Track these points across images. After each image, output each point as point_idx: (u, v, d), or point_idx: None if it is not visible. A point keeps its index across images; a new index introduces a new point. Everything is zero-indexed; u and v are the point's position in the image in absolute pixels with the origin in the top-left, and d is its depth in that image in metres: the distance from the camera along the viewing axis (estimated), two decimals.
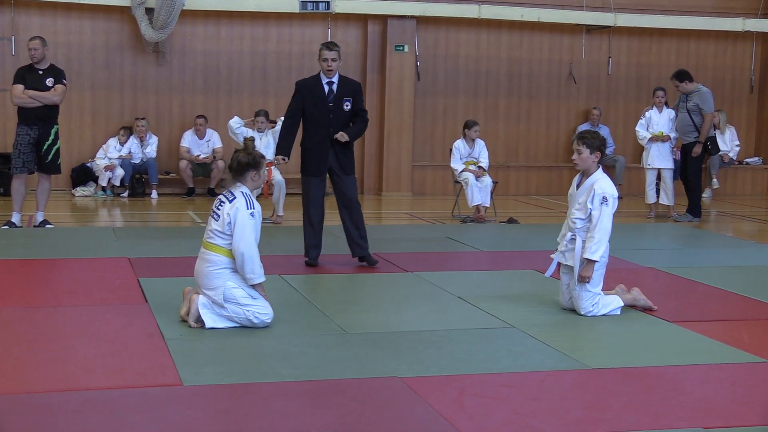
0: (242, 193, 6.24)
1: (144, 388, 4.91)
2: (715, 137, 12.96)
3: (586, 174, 6.82)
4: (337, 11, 14.92)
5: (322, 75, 8.58)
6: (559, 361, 5.63)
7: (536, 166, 16.09)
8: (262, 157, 6.38)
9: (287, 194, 12.02)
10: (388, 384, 5.09)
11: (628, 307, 6.94)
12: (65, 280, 7.94)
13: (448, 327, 6.40)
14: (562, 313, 6.87)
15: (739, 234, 12.05)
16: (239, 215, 6.11)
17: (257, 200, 11.08)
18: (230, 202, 6.19)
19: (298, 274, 8.11)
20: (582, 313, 6.71)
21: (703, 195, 15.14)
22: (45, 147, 10.58)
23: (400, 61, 15.42)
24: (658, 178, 13.07)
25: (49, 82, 10.58)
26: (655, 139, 12.89)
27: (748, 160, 17.24)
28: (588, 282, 6.65)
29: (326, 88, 8.56)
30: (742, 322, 6.82)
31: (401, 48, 15.39)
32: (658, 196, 13.13)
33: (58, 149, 10.70)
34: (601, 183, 6.72)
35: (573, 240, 6.76)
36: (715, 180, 16.18)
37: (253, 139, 6.67)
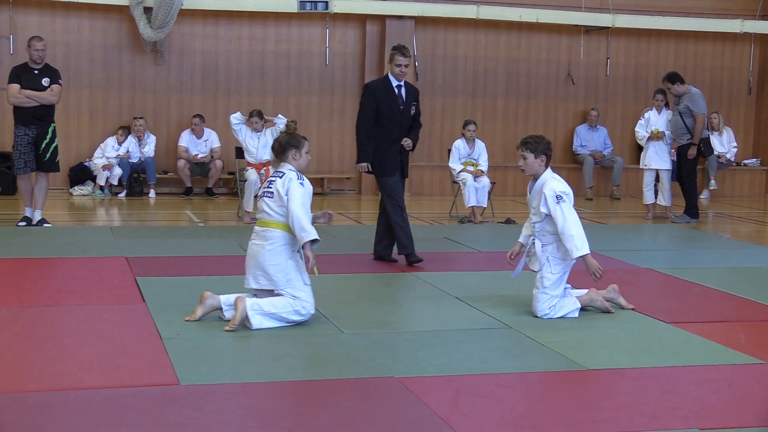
0: (289, 169, 6.41)
1: (141, 388, 4.91)
2: (708, 138, 12.96)
3: (535, 178, 6.81)
4: (335, 11, 14.93)
5: (391, 78, 8.78)
6: (555, 362, 5.63)
7: None
8: (304, 137, 6.53)
9: None
10: (385, 384, 5.09)
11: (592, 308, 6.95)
12: (62, 279, 7.94)
13: (445, 327, 6.40)
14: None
15: (737, 235, 12.06)
16: (291, 184, 6.30)
17: (255, 199, 11.10)
18: (280, 178, 6.36)
19: None
20: (538, 315, 6.67)
21: (701, 196, 15.16)
22: (43, 146, 10.63)
23: None
24: (656, 179, 13.08)
25: (45, 81, 10.63)
26: (652, 137, 12.89)
27: (745, 161, 17.25)
28: (600, 276, 6.66)
29: (397, 91, 8.78)
30: (738, 323, 6.82)
31: None
32: (655, 197, 13.13)
33: (56, 147, 10.76)
34: (550, 183, 6.72)
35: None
36: (712, 181, 16.19)
37: (295, 122, 6.84)
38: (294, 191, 6.27)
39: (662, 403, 4.89)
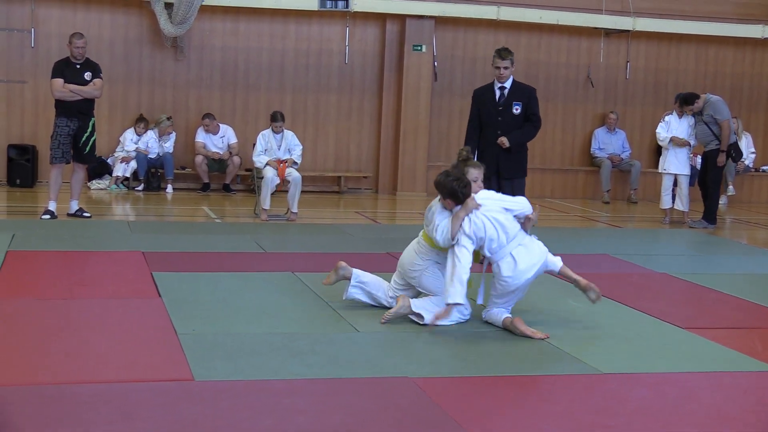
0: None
1: (155, 383, 4.93)
2: (737, 143, 12.92)
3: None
4: (355, 9, 14.93)
5: (495, 80, 8.95)
6: (570, 365, 5.62)
7: (552, 169, 16.07)
8: (466, 186, 6.19)
9: (302, 192, 12.03)
10: (399, 384, 5.09)
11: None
12: (79, 272, 7.97)
13: (462, 328, 6.39)
14: (574, 316, 6.85)
15: (754, 242, 12.00)
16: None
17: (272, 196, 11.12)
18: None
19: (312, 272, 8.10)
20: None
21: (719, 202, 15.10)
22: (84, 138, 10.96)
23: (418, 61, 15.42)
24: (675, 184, 13.03)
25: (87, 76, 10.92)
26: (676, 141, 12.82)
27: (764, 167, 17.17)
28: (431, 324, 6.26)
29: (498, 92, 8.93)
30: (755, 330, 6.79)
31: (419, 48, 15.39)
32: (673, 202, 13.09)
33: (95, 141, 11.13)
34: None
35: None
36: (731, 187, 16.12)
37: (468, 151, 6.67)
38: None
39: (677, 410, 4.87)
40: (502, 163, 8.87)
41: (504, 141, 8.83)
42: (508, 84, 8.92)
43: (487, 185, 8.43)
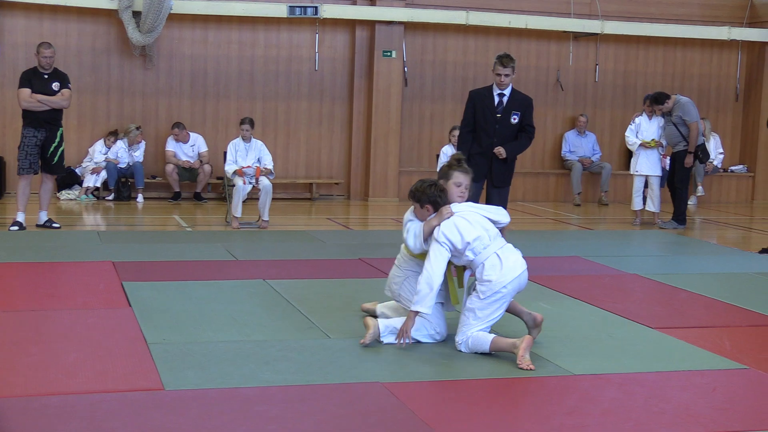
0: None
1: (126, 393, 4.90)
2: (704, 145, 13.03)
3: None
4: (325, 16, 14.94)
5: (494, 85, 8.77)
6: (541, 367, 5.63)
7: (523, 173, 16.11)
8: (442, 191, 6.20)
9: (273, 199, 12.01)
10: (371, 389, 5.10)
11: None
12: (49, 283, 7.92)
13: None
14: (545, 318, 6.85)
15: (723, 241, 12.09)
16: None
17: (243, 204, 11.13)
18: None
19: (283, 279, 8.10)
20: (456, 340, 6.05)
21: (689, 202, 15.20)
22: (51, 149, 10.91)
23: (388, 67, 15.43)
24: (645, 185, 13.12)
25: (55, 86, 10.86)
26: (647, 146, 12.91)
27: (732, 168, 17.31)
28: (401, 343, 5.95)
29: (497, 99, 8.76)
30: (724, 328, 6.85)
31: (389, 53, 15.41)
32: (644, 203, 13.18)
33: (63, 151, 11.06)
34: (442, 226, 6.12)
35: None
36: (700, 187, 16.24)
37: (461, 156, 6.50)
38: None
39: (647, 409, 4.90)
40: (495, 171, 8.79)
41: (502, 152, 8.69)
42: (507, 92, 8.76)
43: (476, 190, 8.53)
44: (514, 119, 8.76)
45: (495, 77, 8.72)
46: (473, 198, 8.43)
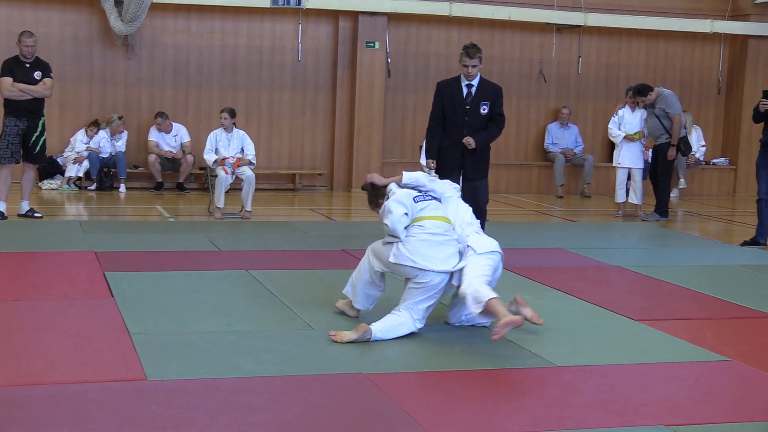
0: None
1: (108, 383, 4.89)
2: (686, 137, 13.08)
3: None
4: (308, 6, 14.89)
5: (462, 77, 8.60)
6: (524, 359, 5.65)
7: (506, 164, 16.13)
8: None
9: (256, 189, 11.98)
10: (354, 380, 5.10)
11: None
12: (30, 273, 7.88)
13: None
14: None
15: (705, 234, 12.14)
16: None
17: (226, 194, 11.09)
18: None
19: (266, 270, 8.08)
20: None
21: (671, 195, 15.26)
22: (33, 138, 10.86)
23: (371, 58, 15.41)
24: (628, 177, 13.16)
25: (37, 75, 10.81)
26: (630, 139, 12.96)
27: (714, 160, 17.38)
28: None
29: (465, 90, 8.59)
30: (706, 320, 6.88)
31: (372, 44, 15.38)
32: (626, 196, 13.21)
33: (45, 140, 11.02)
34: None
35: None
36: (682, 180, 16.30)
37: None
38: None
39: (629, 400, 4.92)
40: (467, 164, 8.60)
41: (470, 142, 8.50)
42: (475, 82, 8.57)
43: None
44: (484, 110, 8.57)
45: (462, 68, 8.55)
46: None
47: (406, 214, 6.13)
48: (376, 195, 6.55)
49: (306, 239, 10.09)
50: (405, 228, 6.13)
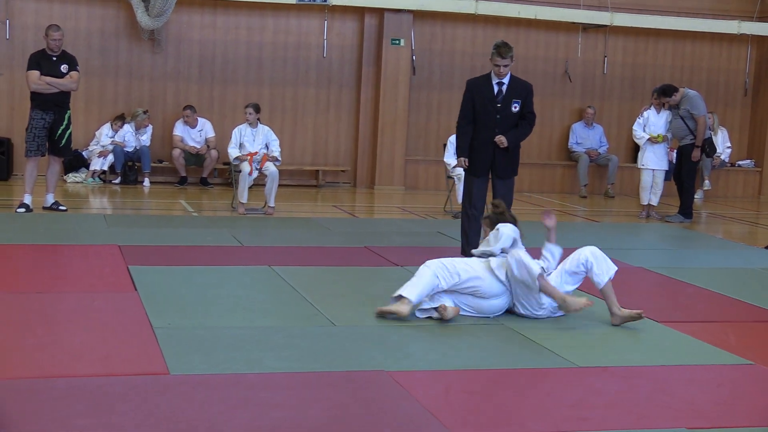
0: None
1: (130, 376, 4.91)
2: (711, 139, 13.01)
3: None
4: (334, 3, 14.90)
5: (492, 74, 8.53)
6: (546, 359, 5.64)
7: (530, 164, 16.09)
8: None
9: (279, 185, 12.01)
10: (375, 378, 5.10)
11: None
12: (55, 266, 7.93)
13: (437, 322, 6.40)
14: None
15: (729, 236, 12.08)
16: None
17: (250, 190, 11.09)
18: None
19: (289, 266, 8.10)
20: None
21: (695, 196, 15.19)
22: (59, 131, 10.90)
23: (396, 55, 15.41)
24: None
25: (64, 68, 10.85)
26: (653, 141, 12.91)
27: (740, 162, 17.27)
28: None
29: (496, 88, 8.52)
30: (729, 323, 6.84)
31: (397, 42, 15.38)
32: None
33: (70, 133, 11.04)
34: None
35: None
36: (707, 181, 16.21)
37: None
38: None
39: (651, 402, 4.90)
40: (498, 162, 8.55)
41: (503, 140, 8.43)
42: (506, 80, 8.49)
43: (481, 185, 8.54)
44: (515, 108, 8.51)
45: (493, 68, 8.49)
46: (480, 193, 8.48)
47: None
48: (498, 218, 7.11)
49: (329, 236, 10.10)
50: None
